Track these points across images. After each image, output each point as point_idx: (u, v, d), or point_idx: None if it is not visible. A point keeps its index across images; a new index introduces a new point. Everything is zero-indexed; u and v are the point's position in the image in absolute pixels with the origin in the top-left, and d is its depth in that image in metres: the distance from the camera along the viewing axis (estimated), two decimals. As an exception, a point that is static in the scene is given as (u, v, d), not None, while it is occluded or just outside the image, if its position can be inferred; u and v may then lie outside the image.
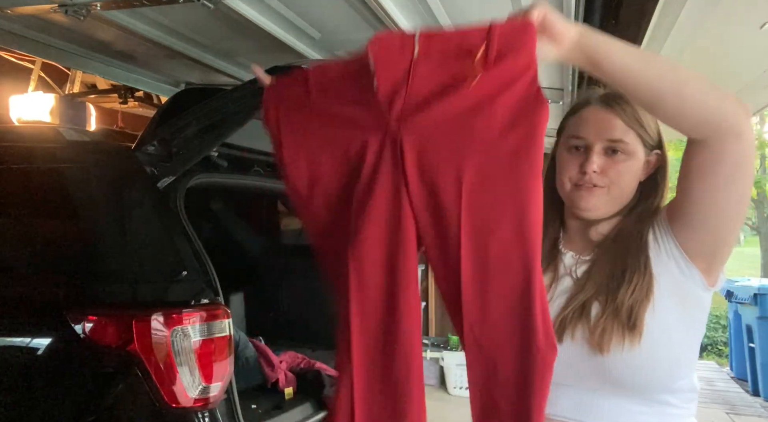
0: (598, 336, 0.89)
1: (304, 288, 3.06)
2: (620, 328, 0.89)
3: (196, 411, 1.61)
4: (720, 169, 0.82)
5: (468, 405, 0.85)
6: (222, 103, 1.80)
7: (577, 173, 0.97)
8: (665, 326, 0.90)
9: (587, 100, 1.01)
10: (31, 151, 1.97)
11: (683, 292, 0.91)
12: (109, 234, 1.78)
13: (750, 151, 0.81)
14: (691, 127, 0.81)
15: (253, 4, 1.88)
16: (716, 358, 7.27)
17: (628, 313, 0.89)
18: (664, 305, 0.90)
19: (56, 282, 1.77)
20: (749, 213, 13.70)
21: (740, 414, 4.55)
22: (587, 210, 0.97)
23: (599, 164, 0.95)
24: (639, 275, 0.91)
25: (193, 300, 1.65)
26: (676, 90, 0.78)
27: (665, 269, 0.92)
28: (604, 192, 0.96)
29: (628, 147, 0.96)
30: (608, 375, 0.90)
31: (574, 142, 0.99)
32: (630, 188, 0.98)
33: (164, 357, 1.57)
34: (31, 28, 2.32)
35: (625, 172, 0.96)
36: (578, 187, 0.97)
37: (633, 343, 0.88)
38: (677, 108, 0.79)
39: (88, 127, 2.89)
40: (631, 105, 0.98)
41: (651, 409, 0.92)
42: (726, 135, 0.79)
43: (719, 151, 0.81)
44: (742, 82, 3.09)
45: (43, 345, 1.72)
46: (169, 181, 1.86)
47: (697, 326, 0.94)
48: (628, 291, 0.90)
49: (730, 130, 0.79)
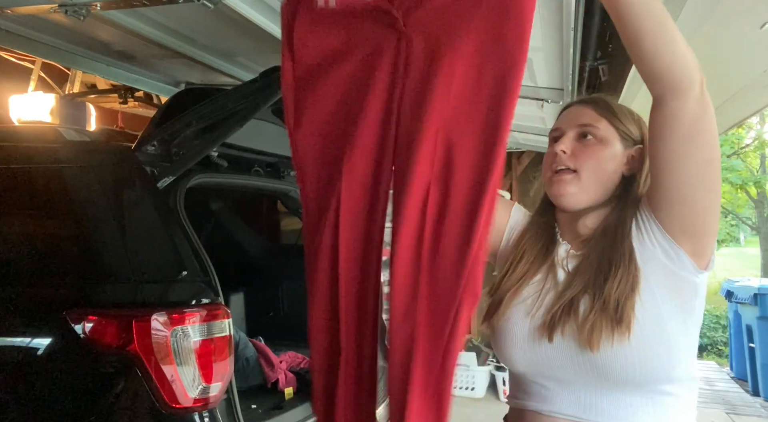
0: (587, 332, 0.89)
1: (304, 289, 3.05)
2: (608, 323, 0.88)
3: (196, 411, 1.61)
4: (678, 129, 0.84)
5: (468, 405, 0.85)
6: (222, 103, 1.80)
7: (551, 160, 1.02)
8: (657, 316, 0.89)
9: (569, 105, 1.10)
10: (31, 151, 1.97)
11: (673, 279, 0.91)
12: (109, 234, 1.78)
13: (706, 114, 0.83)
14: (659, 72, 0.82)
15: (253, 4, 1.88)
16: (716, 358, 7.27)
17: (615, 307, 0.89)
18: (654, 295, 0.90)
19: (56, 282, 1.77)
20: (749, 213, 13.70)
21: (740, 414, 4.55)
22: (559, 195, 1.00)
23: (568, 146, 1.01)
24: (624, 267, 0.91)
25: (193, 300, 1.65)
26: (659, 27, 0.79)
27: (652, 257, 0.92)
28: (575, 176, 0.99)
29: (598, 132, 1.00)
30: (602, 371, 0.90)
31: (552, 135, 1.06)
32: (603, 175, 0.99)
33: (164, 357, 1.57)
34: (31, 28, 2.32)
35: (595, 156, 0.99)
36: (552, 174, 1.01)
37: (622, 337, 0.87)
38: (654, 46, 0.79)
39: (88, 127, 2.89)
40: (608, 102, 1.04)
41: (651, 401, 0.92)
42: (687, 89, 0.81)
43: (676, 108, 0.82)
44: (742, 82, 3.09)
45: (43, 345, 1.72)
46: (169, 181, 1.86)
47: (694, 312, 0.93)
48: (614, 285, 0.90)
49: (691, 83, 0.81)
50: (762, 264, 11.64)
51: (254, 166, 2.54)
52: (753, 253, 11.63)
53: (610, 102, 1.04)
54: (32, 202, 1.92)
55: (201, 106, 1.81)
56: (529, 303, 0.98)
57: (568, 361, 0.92)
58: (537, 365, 0.95)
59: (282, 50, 0.88)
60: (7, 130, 2.32)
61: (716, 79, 3.01)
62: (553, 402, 0.95)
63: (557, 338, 0.93)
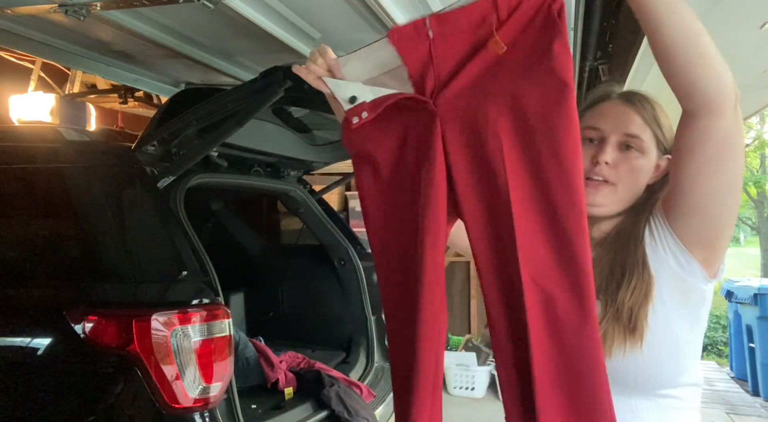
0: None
1: (304, 288, 3.06)
2: (621, 331, 0.88)
3: (196, 411, 1.61)
4: (708, 147, 0.81)
5: (469, 405, 0.84)
6: (222, 103, 1.80)
7: (588, 164, 0.96)
8: (667, 323, 0.89)
9: (607, 95, 1.01)
10: (31, 151, 1.97)
11: (684, 287, 0.90)
12: (109, 234, 1.78)
13: (738, 131, 0.80)
14: (692, 88, 0.78)
15: (253, 4, 1.88)
16: (716, 358, 7.27)
17: (628, 316, 0.88)
18: (665, 302, 0.89)
19: (56, 283, 1.77)
20: (749, 213, 13.71)
21: (740, 414, 4.55)
22: (592, 205, 0.96)
23: (613, 157, 0.95)
24: (638, 275, 0.90)
25: (193, 300, 1.65)
26: (694, 40, 0.75)
27: (664, 265, 0.91)
28: (612, 189, 0.96)
29: (643, 144, 0.95)
30: (610, 377, 0.90)
31: (589, 134, 0.98)
32: (638, 188, 0.97)
33: (164, 357, 1.57)
34: (31, 28, 2.32)
35: (636, 170, 0.95)
36: (587, 181, 0.96)
37: (634, 346, 0.87)
38: (686, 61, 0.76)
39: (88, 127, 2.89)
40: (651, 104, 0.98)
41: (655, 404, 0.92)
42: (721, 107, 0.78)
43: (708, 126, 0.80)
44: (742, 82, 3.09)
45: (43, 345, 1.72)
46: (169, 181, 1.86)
47: (700, 319, 0.93)
48: (628, 293, 0.89)
49: (725, 101, 0.78)
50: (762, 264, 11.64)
51: (254, 166, 2.54)
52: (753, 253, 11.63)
53: (654, 106, 0.99)
54: (32, 201, 1.92)
55: (201, 106, 1.81)
56: None
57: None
58: None
59: (355, 167, 0.93)
60: (7, 130, 2.32)
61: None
62: None
63: None
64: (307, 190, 2.88)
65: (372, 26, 2.12)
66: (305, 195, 2.81)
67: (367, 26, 2.13)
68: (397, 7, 1.96)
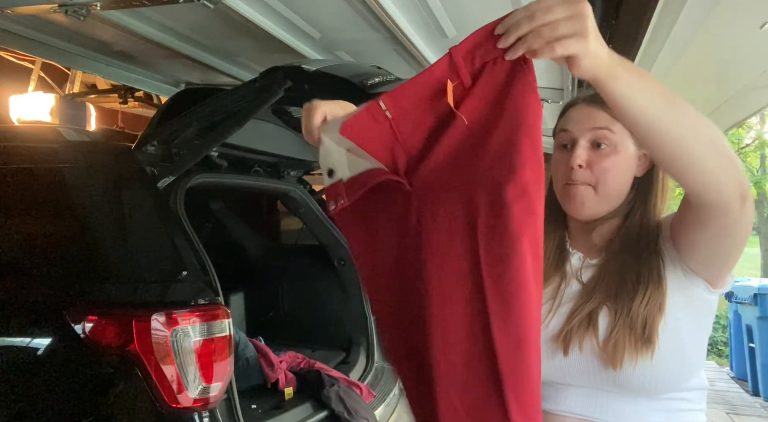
0: (611, 350, 0.87)
1: (304, 288, 3.06)
2: (633, 342, 0.87)
3: (195, 411, 1.61)
4: (708, 233, 0.83)
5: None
6: (222, 103, 1.80)
7: (565, 170, 0.96)
8: (676, 332, 0.89)
9: (574, 101, 1.01)
10: (31, 151, 1.97)
11: (690, 296, 0.90)
12: (109, 234, 1.78)
13: (745, 219, 0.79)
14: (694, 194, 0.78)
15: (253, 4, 1.88)
16: (716, 358, 7.27)
17: (642, 326, 0.87)
18: (676, 313, 0.89)
19: (56, 283, 1.77)
20: (749, 214, 13.63)
21: (740, 414, 4.56)
22: (575, 210, 0.96)
23: (584, 158, 0.94)
24: (653, 286, 0.89)
25: (193, 300, 1.65)
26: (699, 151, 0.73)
27: (672, 274, 0.91)
28: (591, 191, 0.95)
29: (614, 137, 0.93)
30: (619, 384, 0.90)
31: (561, 139, 0.98)
32: (619, 185, 0.96)
33: (164, 357, 1.57)
34: (31, 28, 2.32)
35: (612, 168, 0.94)
36: (567, 186, 0.96)
37: (645, 356, 0.86)
38: (683, 171, 0.75)
39: (88, 127, 2.89)
40: None
41: (661, 406, 0.92)
42: (726, 210, 0.77)
43: (709, 221, 0.81)
44: (742, 82, 3.09)
45: (43, 345, 1.71)
46: (169, 181, 1.86)
47: (706, 326, 0.93)
48: (642, 303, 0.88)
49: (730, 202, 0.76)
50: (762, 264, 11.61)
51: (254, 166, 2.54)
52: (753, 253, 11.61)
53: None
54: (32, 201, 1.92)
55: (201, 106, 1.81)
56: (542, 313, 0.96)
57: (584, 375, 0.91)
58: (549, 375, 0.92)
59: (352, 250, 0.90)
60: (7, 130, 2.32)
61: (716, 79, 3.01)
62: (561, 402, 0.94)
63: (574, 352, 0.91)
64: (307, 190, 2.88)
65: (372, 26, 2.12)
66: (305, 195, 2.81)
67: (367, 26, 2.13)
68: (397, 7, 1.96)
